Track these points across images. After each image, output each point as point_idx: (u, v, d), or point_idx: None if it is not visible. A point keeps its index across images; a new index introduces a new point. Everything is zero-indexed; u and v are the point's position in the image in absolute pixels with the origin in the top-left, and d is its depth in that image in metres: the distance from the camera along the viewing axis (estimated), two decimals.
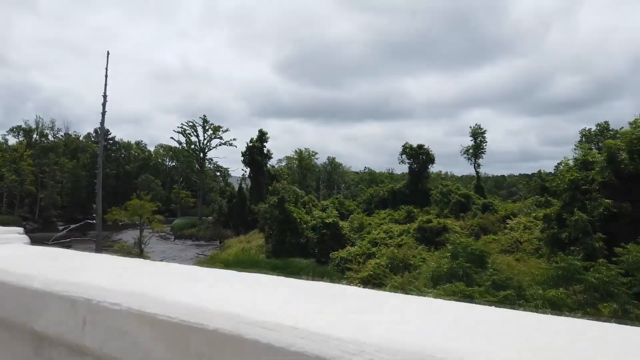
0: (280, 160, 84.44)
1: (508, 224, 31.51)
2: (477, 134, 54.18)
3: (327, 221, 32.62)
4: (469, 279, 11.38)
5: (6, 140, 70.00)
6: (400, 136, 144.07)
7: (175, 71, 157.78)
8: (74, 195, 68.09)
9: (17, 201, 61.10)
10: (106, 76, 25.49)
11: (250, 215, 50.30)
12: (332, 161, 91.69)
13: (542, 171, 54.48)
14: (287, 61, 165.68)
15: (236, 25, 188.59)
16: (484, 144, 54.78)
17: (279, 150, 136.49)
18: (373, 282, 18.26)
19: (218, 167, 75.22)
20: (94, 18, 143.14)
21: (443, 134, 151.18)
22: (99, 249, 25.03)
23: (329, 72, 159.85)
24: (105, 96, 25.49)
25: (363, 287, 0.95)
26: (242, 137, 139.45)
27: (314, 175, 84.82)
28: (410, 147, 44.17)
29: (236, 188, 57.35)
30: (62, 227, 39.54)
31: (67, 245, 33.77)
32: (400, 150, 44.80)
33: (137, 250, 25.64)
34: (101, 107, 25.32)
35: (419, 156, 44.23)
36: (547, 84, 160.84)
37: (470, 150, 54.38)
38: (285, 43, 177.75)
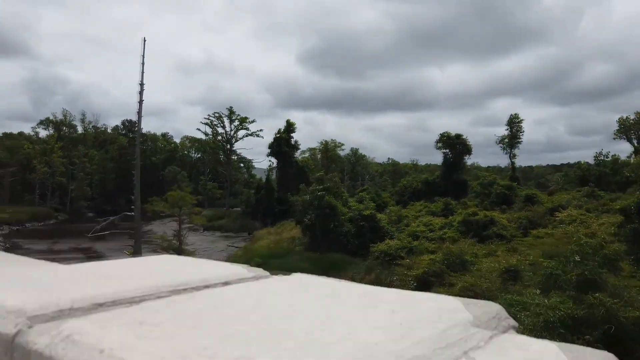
0: (303, 152, 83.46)
1: (557, 216, 29.79)
2: (514, 123, 52.05)
3: (364, 213, 31.51)
4: (609, 289, 9.74)
5: (37, 133, 71.03)
6: (424, 127, 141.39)
7: (199, 63, 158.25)
8: (102, 187, 68.69)
9: (49, 192, 61.92)
10: (143, 63, 24.88)
11: (277, 207, 49.61)
12: (355, 152, 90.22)
13: (582, 162, 51.93)
14: (310, 52, 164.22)
15: (260, 17, 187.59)
16: (520, 133, 52.66)
17: (300, 141, 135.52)
18: (430, 280, 17.08)
19: (242, 159, 74.84)
20: (119, 11, 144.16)
21: (468, 124, 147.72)
22: (137, 242, 24.64)
23: (352, 62, 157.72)
24: (142, 84, 24.92)
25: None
26: (266, 129, 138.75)
27: (338, 166, 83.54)
28: (448, 135, 42.46)
29: (263, 179, 56.71)
30: (102, 219, 39.40)
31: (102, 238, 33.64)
32: (437, 138, 43.13)
33: (177, 242, 25.20)
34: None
35: (455, 146, 42.52)
36: (577, 72, 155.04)
37: (506, 140, 52.34)
38: (309, 34, 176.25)
